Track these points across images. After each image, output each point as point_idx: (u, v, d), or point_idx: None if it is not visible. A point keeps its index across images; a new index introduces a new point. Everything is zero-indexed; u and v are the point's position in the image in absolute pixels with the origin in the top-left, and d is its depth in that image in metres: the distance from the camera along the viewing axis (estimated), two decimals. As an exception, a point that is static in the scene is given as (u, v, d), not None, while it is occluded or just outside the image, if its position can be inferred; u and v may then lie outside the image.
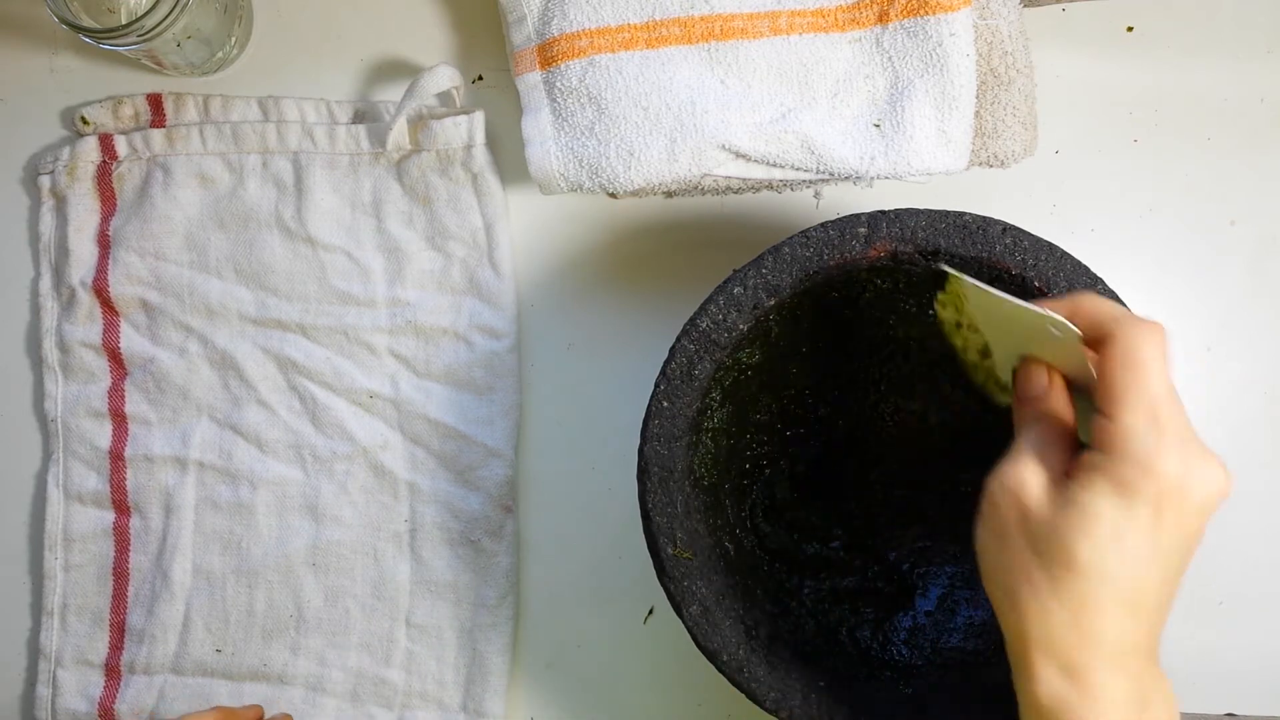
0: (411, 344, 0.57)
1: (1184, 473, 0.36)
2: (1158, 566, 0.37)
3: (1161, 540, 0.36)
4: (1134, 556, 0.36)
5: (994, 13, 0.51)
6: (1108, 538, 0.36)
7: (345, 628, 0.57)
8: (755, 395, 0.52)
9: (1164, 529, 0.36)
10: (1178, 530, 0.37)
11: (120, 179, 0.58)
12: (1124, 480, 0.36)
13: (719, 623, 0.47)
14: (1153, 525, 0.36)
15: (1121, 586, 0.37)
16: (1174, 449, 0.36)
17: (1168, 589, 0.38)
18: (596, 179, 0.51)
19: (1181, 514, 0.36)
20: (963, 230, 0.46)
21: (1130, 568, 0.36)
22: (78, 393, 0.58)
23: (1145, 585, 0.37)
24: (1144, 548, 0.36)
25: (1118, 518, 0.36)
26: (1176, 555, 0.37)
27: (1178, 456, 0.36)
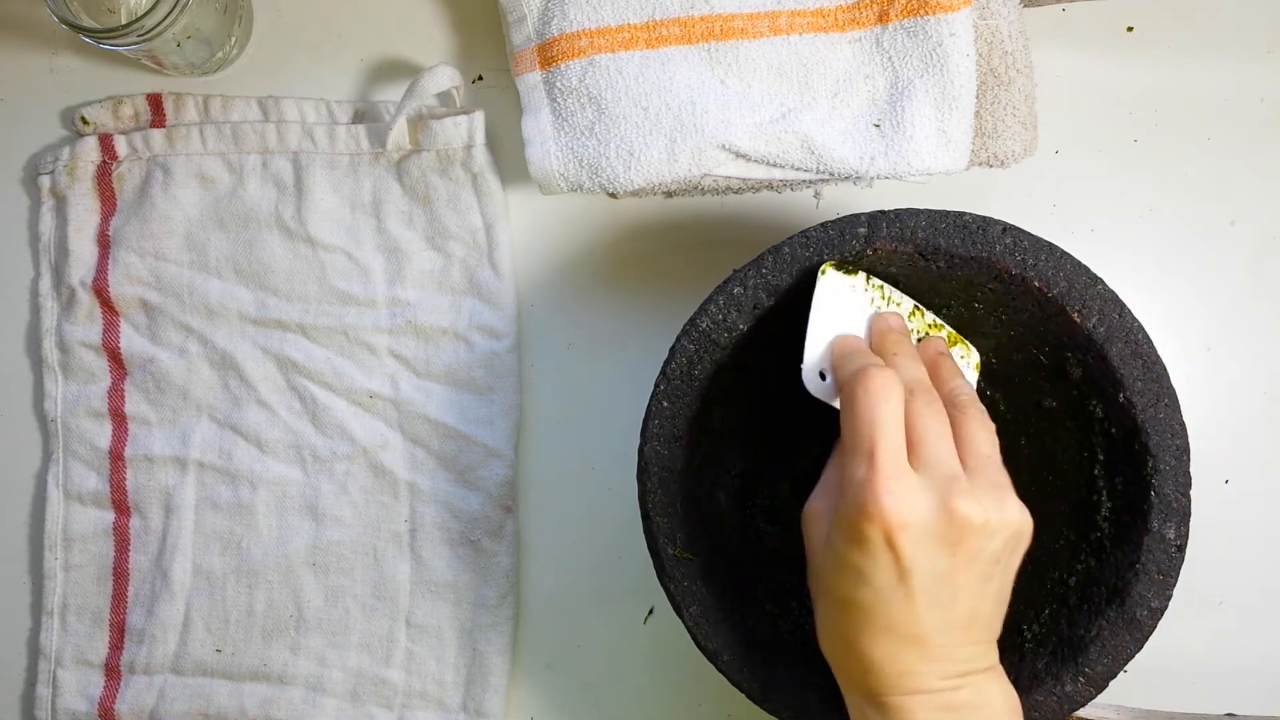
0: (411, 344, 0.57)
1: (904, 511, 0.37)
2: (919, 599, 0.38)
3: (914, 577, 0.38)
4: (882, 592, 0.38)
5: (994, 13, 0.51)
6: (852, 576, 0.39)
7: (345, 628, 0.57)
8: (755, 395, 0.52)
9: (910, 565, 0.38)
10: (930, 563, 0.38)
11: (120, 179, 0.58)
12: (851, 523, 0.38)
13: (719, 623, 0.47)
14: (894, 564, 0.38)
15: (878, 619, 0.39)
16: (890, 489, 0.37)
17: (943, 615, 0.39)
18: (596, 179, 0.51)
19: (924, 548, 0.38)
20: (963, 230, 0.46)
21: (887, 603, 0.38)
22: (78, 393, 0.58)
23: (905, 617, 0.38)
24: (890, 584, 0.38)
25: (856, 559, 0.38)
26: (940, 585, 0.38)
27: (896, 498, 0.37)
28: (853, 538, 0.38)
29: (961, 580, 0.39)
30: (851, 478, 0.39)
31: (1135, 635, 0.46)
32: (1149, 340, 0.46)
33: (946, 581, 0.38)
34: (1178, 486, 0.46)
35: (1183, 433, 0.46)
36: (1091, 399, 0.48)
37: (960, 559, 0.38)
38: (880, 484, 0.37)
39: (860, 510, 0.38)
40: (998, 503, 0.39)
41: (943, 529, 0.38)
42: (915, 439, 0.40)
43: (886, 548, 0.38)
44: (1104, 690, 0.46)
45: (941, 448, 0.40)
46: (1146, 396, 0.46)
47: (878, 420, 0.39)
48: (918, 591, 0.38)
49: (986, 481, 0.40)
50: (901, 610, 0.38)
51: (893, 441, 0.39)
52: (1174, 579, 0.46)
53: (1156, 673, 0.55)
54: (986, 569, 0.39)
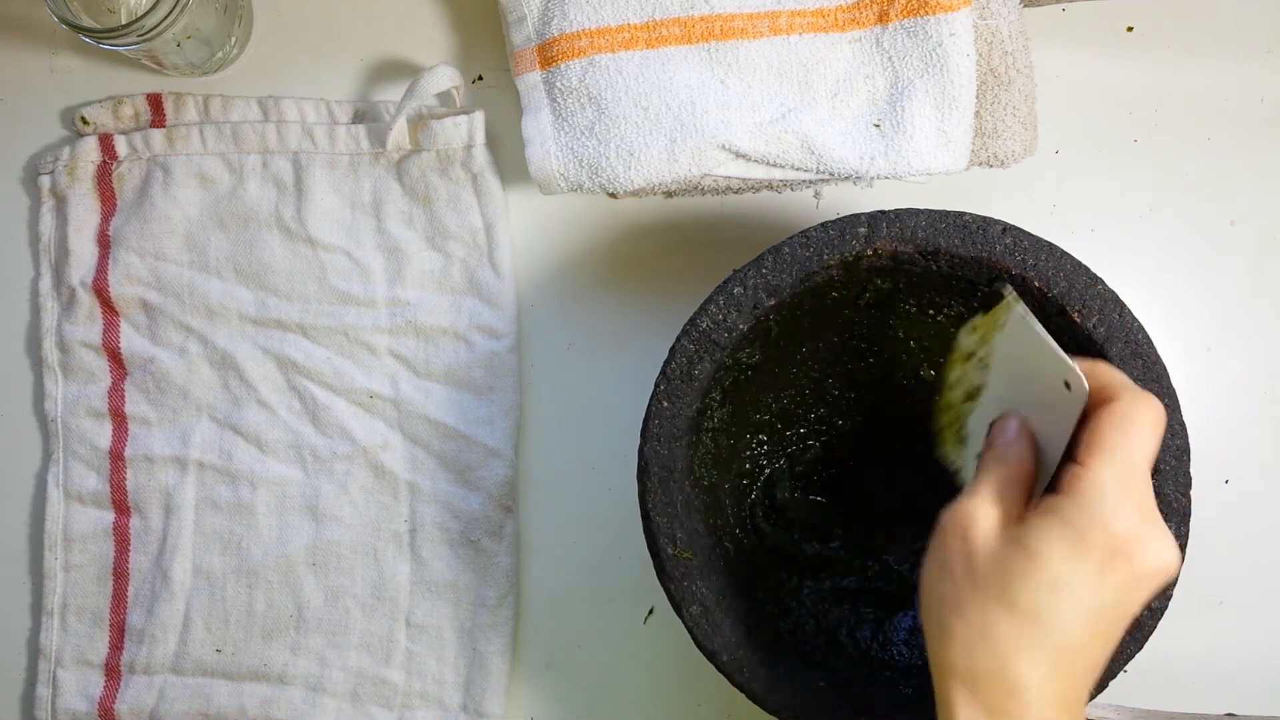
0: (411, 344, 0.57)
1: (1137, 537, 0.36)
2: (1094, 622, 0.37)
3: (1102, 596, 0.36)
4: (1071, 606, 0.36)
5: (994, 13, 0.51)
6: (1048, 583, 0.36)
7: (345, 628, 0.57)
8: (755, 395, 0.52)
9: (1105, 586, 0.36)
10: (1119, 591, 0.37)
11: (120, 179, 0.58)
12: (1078, 527, 0.36)
13: (719, 623, 0.47)
14: (1096, 579, 0.36)
15: (1054, 635, 0.36)
16: (1134, 512, 0.36)
17: (1098, 647, 0.38)
18: (596, 179, 0.51)
19: (1126, 576, 0.36)
20: (963, 230, 0.46)
21: (1066, 617, 0.36)
22: (78, 393, 0.58)
23: (1078, 638, 0.37)
24: (1083, 599, 0.36)
25: (1063, 564, 0.36)
26: (1112, 616, 0.37)
27: (1136, 520, 0.36)
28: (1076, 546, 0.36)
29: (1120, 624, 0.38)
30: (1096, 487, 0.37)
31: (1135, 635, 0.46)
32: (1149, 340, 0.46)
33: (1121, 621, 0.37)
34: (1178, 486, 0.46)
35: (1183, 433, 0.46)
36: (1091, 399, 0.48)
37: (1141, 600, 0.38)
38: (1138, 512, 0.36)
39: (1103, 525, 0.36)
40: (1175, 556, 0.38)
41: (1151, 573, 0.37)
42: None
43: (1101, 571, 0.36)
44: (1104, 690, 0.46)
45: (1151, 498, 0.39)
46: (1146, 396, 0.45)
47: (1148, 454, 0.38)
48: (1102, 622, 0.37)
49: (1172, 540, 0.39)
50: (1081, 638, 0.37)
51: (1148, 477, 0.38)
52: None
53: (1156, 673, 0.55)
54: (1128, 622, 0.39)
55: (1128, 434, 0.37)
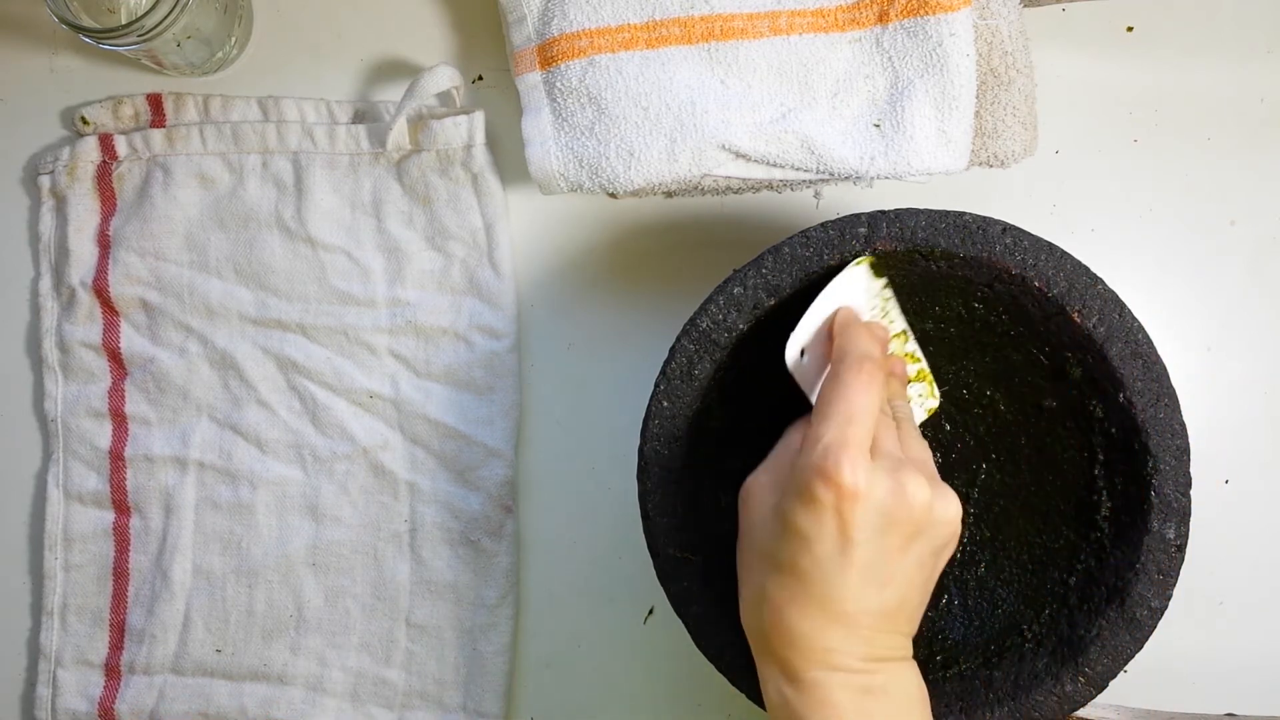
0: (411, 344, 0.57)
1: (861, 482, 0.38)
2: (856, 574, 0.39)
3: (856, 549, 0.39)
4: (822, 561, 0.39)
5: (994, 13, 0.51)
6: (796, 540, 0.39)
7: (345, 628, 0.57)
8: (755, 395, 0.52)
9: (854, 537, 0.38)
10: (874, 539, 0.39)
11: (120, 179, 0.58)
12: (805, 485, 0.39)
13: (719, 623, 0.47)
14: (839, 532, 0.39)
15: (813, 589, 0.39)
16: (854, 461, 0.38)
17: (876, 596, 0.39)
18: (596, 179, 0.51)
19: (871, 523, 0.39)
20: (963, 230, 0.46)
21: (820, 571, 0.39)
22: (78, 393, 0.58)
23: (840, 592, 0.39)
24: (832, 554, 0.39)
25: (804, 523, 0.39)
26: (878, 564, 0.39)
27: (856, 468, 0.38)
28: (804, 499, 0.39)
29: (898, 564, 0.40)
30: (818, 439, 0.39)
31: (1135, 635, 0.46)
32: (1149, 340, 0.46)
33: (885, 562, 0.39)
34: (1178, 486, 0.46)
35: (1183, 433, 0.46)
36: (1091, 399, 0.48)
37: (900, 541, 0.40)
38: (845, 453, 0.38)
39: (819, 472, 0.38)
40: (943, 495, 0.41)
41: (891, 508, 0.39)
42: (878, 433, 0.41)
43: (835, 514, 0.38)
44: (1104, 690, 0.46)
45: (895, 445, 0.42)
46: (1146, 396, 0.46)
47: (864, 402, 0.40)
48: (856, 566, 0.39)
49: (931, 476, 0.42)
50: (836, 583, 0.39)
51: (868, 425, 0.40)
52: (1174, 579, 0.46)
53: (1156, 673, 0.55)
54: (922, 557, 0.41)
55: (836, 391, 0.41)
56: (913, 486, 0.39)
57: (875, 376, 0.41)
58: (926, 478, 0.40)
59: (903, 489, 0.39)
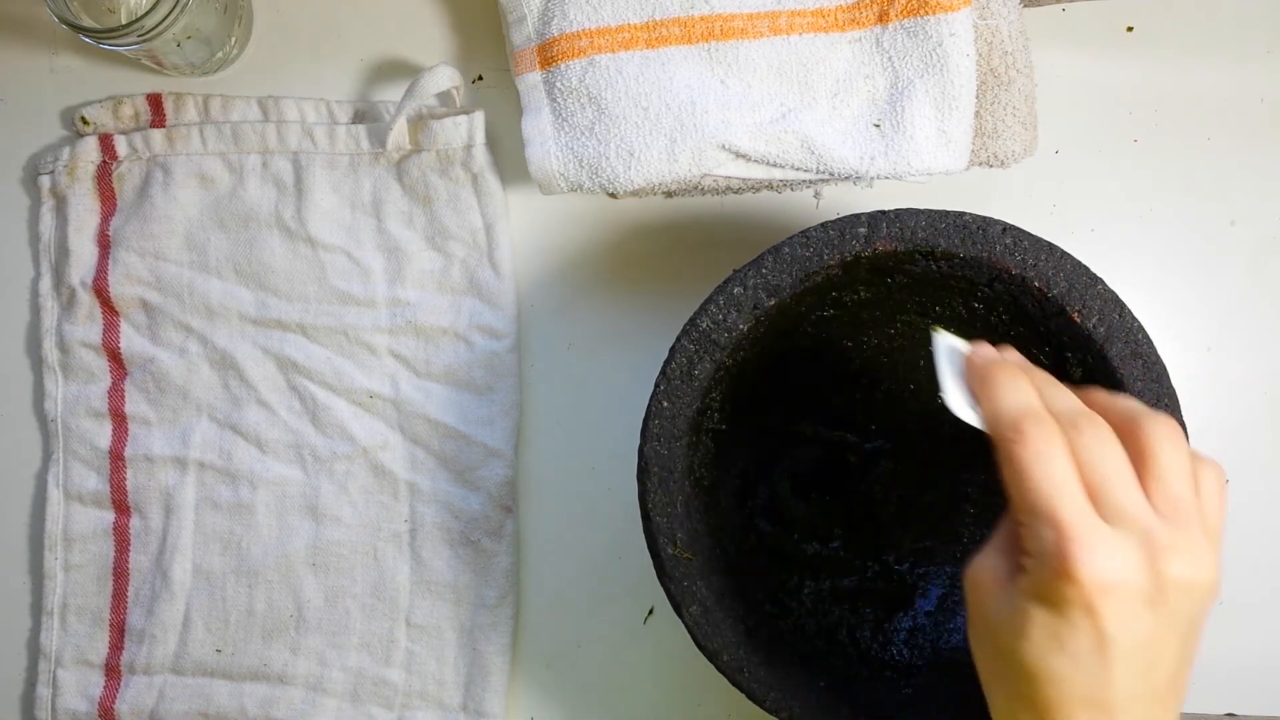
0: (411, 344, 0.57)
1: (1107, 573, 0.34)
2: (1120, 666, 0.34)
3: (1115, 646, 0.34)
4: (1083, 660, 0.34)
5: (994, 13, 0.51)
6: (1047, 642, 0.35)
7: (345, 628, 0.57)
8: (755, 395, 0.52)
9: (1112, 634, 0.34)
10: (1134, 630, 0.34)
11: (120, 179, 0.58)
12: (1046, 587, 0.34)
13: (719, 623, 0.47)
14: (1093, 630, 0.34)
15: (1072, 691, 0.35)
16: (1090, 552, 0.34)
17: (1143, 681, 0.35)
18: (596, 179, 0.51)
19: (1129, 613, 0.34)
20: (963, 230, 0.46)
21: (1083, 672, 0.35)
22: (78, 393, 0.58)
23: (1102, 686, 0.35)
24: (1089, 652, 0.34)
25: (1052, 624, 0.35)
26: (1142, 650, 0.35)
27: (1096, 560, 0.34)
28: (1050, 602, 0.34)
29: (1164, 645, 0.35)
30: (1039, 539, 0.34)
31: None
32: (1149, 340, 0.46)
33: (1149, 647, 0.35)
34: (1178, 486, 0.45)
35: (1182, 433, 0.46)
36: (1091, 399, 0.48)
37: (1164, 621, 0.35)
38: (1076, 546, 0.33)
39: (1058, 574, 0.34)
40: (1204, 558, 0.35)
41: (1150, 592, 0.34)
42: (1094, 483, 0.35)
43: (1087, 615, 0.34)
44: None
45: (1129, 490, 0.35)
46: (1146, 396, 0.46)
47: (1050, 479, 0.35)
48: (1118, 659, 0.34)
49: (1190, 529, 0.35)
50: (1098, 680, 0.34)
51: (1073, 497, 0.35)
52: (1174, 579, 0.46)
53: (1156, 673, 0.55)
54: (1187, 632, 0.36)
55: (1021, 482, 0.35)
56: (1170, 562, 0.34)
57: (1040, 434, 0.35)
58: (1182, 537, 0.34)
59: (1158, 569, 0.34)
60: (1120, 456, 0.36)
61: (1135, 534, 0.34)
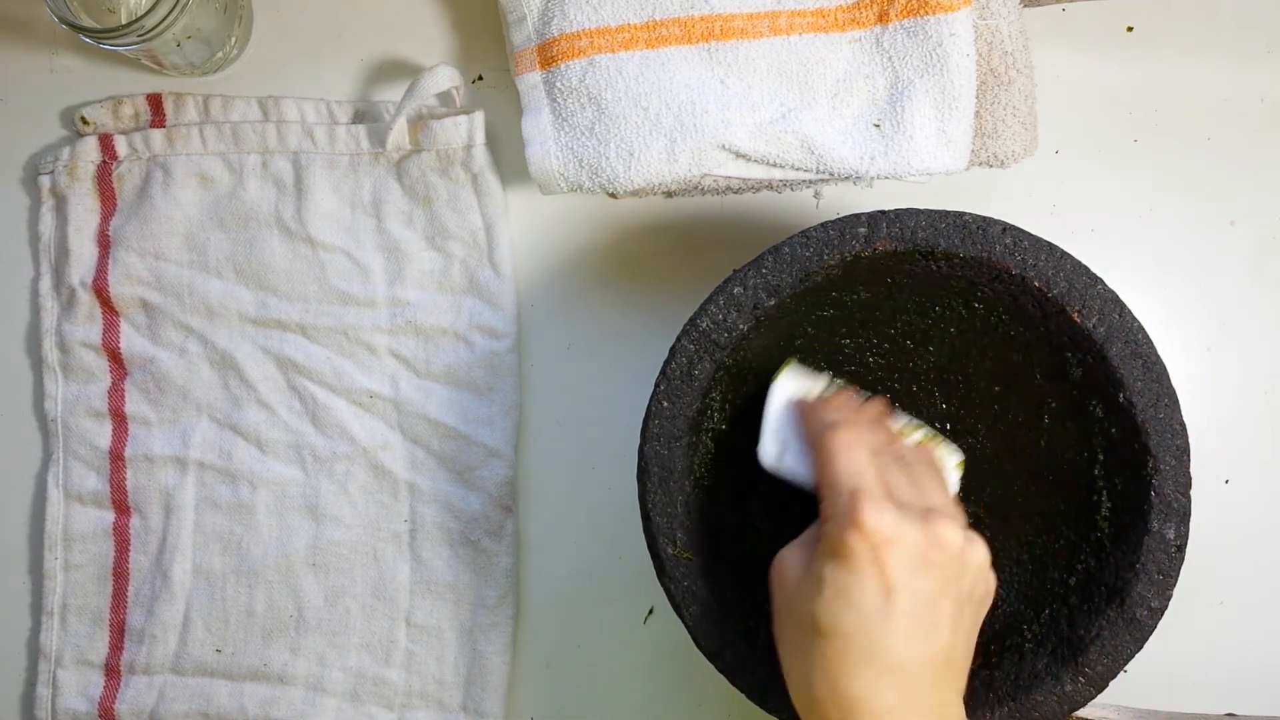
0: (411, 344, 0.57)
1: (889, 524, 0.38)
2: (902, 623, 0.38)
3: (897, 596, 0.38)
4: (867, 614, 0.38)
5: (994, 13, 0.51)
6: (836, 599, 0.38)
7: (345, 628, 0.57)
8: (755, 395, 0.52)
9: (894, 583, 0.38)
10: (913, 584, 0.38)
11: (120, 179, 0.58)
12: (837, 541, 0.39)
13: (719, 623, 0.47)
14: (879, 580, 0.38)
15: (861, 645, 0.38)
16: (877, 508, 0.39)
17: (924, 646, 0.38)
18: (596, 179, 0.51)
19: (908, 567, 0.38)
20: (963, 230, 0.46)
21: (869, 626, 0.38)
22: (78, 393, 0.58)
23: (889, 643, 0.38)
24: (875, 605, 0.38)
25: (841, 578, 0.38)
26: (922, 611, 0.38)
27: (883, 512, 0.39)
28: (839, 554, 0.38)
29: (941, 609, 0.39)
30: (836, 505, 0.40)
31: (1135, 635, 0.46)
32: (1149, 340, 0.46)
33: (928, 608, 0.39)
34: (1178, 486, 0.46)
35: (1183, 433, 0.46)
36: (1091, 399, 0.48)
37: (939, 585, 0.39)
38: (867, 504, 0.39)
39: (850, 524, 0.38)
40: (972, 540, 0.41)
41: (925, 550, 0.39)
42: (886, 484, 0.41)
43: (873, 564, 0.38)
44: (1104, 690, 0.46)
45: (911, 494, 0.42)
46: (1146, 396, 0.46)
47: (856, 463, 0.41)
48: (901, 613, 0.38)
49: (958, 520, 0.41)
50: (884, 633, 0.38)
51: (870, 476, 0.41)
52: (1174, 579, 0.46)
53: (1156, 673, 0.55)
54: (961, 603, 0.40)
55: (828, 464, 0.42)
56: (943, 529, 0.39)
57: (852, 433, 0.42)
58: (955, 522, 0.40)
59: (934, 532, 0.39)
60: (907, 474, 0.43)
61: (915, 512, 0.40)
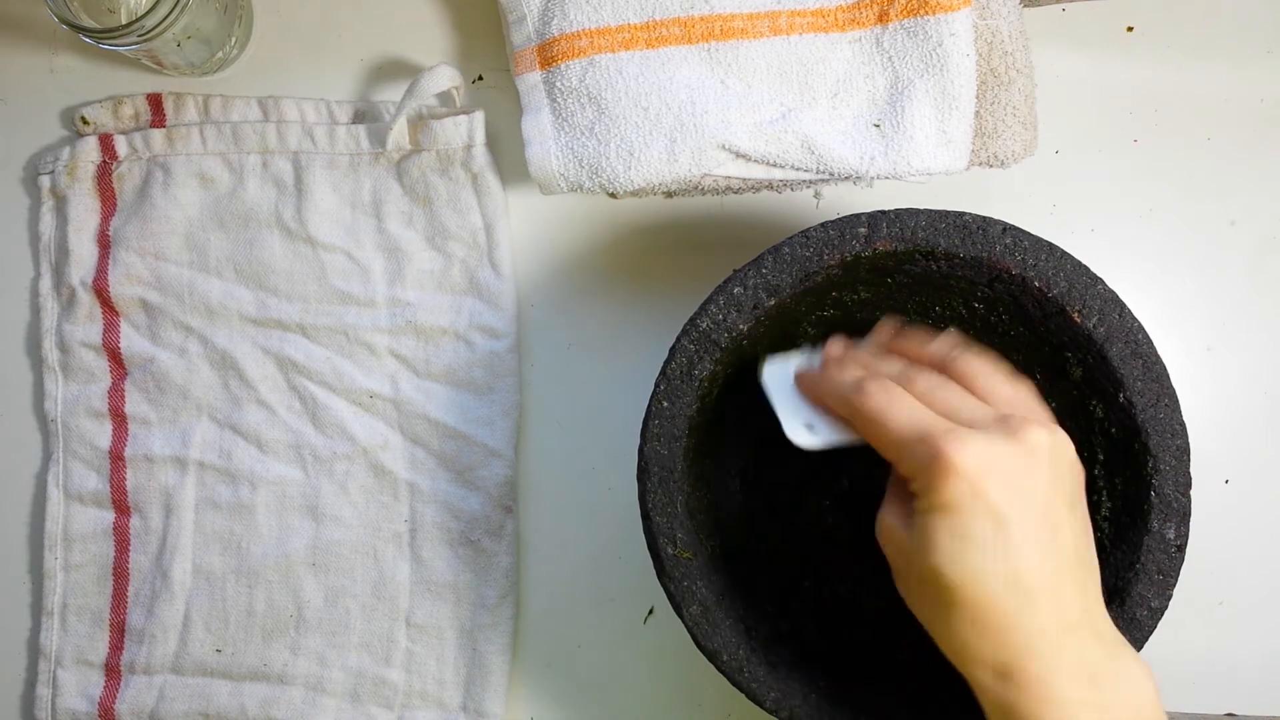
0: (411, 344, 0.57)
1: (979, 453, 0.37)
2: (1027, 545, 0.37)
3: (1013, 524, 0.37)
4: (990, 546, 0.37)
5: (994, 13, 0.51)
6: (954, 545, 0.37)
7: (345, 628, 0.57)
8: (755, 395, 0.52)
9: (1007, 515, 0.37)
10: (1024, 503, 0.37)
11: (120, 179, 0.58)
12: (934, 493, 0.37)
13: (719, 623, 0.47)
14: (988, 512, 0.37)
15: (998, 578, 0.37)
16: (959, 442, 0.37)
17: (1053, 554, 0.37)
18: (596, 179, 0.51)
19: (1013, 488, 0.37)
20: (963, 230, 0.46)
21: (994, 558, 0.37)
22: (78, 393, 0.58)
23: (1024, 566, 0.37)
24: (992, 535, 0.37)
25: (951, 523, 0.37)
26: (1043, 522, 0.37)
27: (966, 446, 0.37)
28: (941, 506, 0.37)
29: (1056, 513, 0.38)
30: (914, 460, 0.38)
31: (1135, 635, 0.46)
32: (1149, 340, 0.46)
33: (1045, 518, 0.37)
34: (1178, 486, 0.46)
35: (1183, 433, 0.46)
36: (1091, 399, 0.48)
37: (1044, 489, 0.38)
38: (946, 442, 0.37)
39: (937, 474, 0.37)
40: (1055, 427, 0.39)
41: (1024, 463, 0.37)
42: (944, 411, 0.40)
43: (978, 500, 0.37)
44: (1104, 690, 0.46)
45: (973, 404, 0.40)
46: (1146, 396, 0.46)
47: (905, 412, 0.39)
48: (1018, 535, 0.37)
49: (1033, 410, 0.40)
50: (1010, 560, 0.36)
51: (931, 417, 0.39)
52: (1174, 579, 0.46)
53: (1157, 673, 0.55)
54: (1070, 497, 0.39)
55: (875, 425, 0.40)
56: (1029, 433, 0.38)
57: (878, 384, 0.41)
58: (1036, 421, 0.39)
59: (1023, 440, 0.38)
60: (955, 387, 0.41)
61: (992, 426, 0.38)
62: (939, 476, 0.37)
